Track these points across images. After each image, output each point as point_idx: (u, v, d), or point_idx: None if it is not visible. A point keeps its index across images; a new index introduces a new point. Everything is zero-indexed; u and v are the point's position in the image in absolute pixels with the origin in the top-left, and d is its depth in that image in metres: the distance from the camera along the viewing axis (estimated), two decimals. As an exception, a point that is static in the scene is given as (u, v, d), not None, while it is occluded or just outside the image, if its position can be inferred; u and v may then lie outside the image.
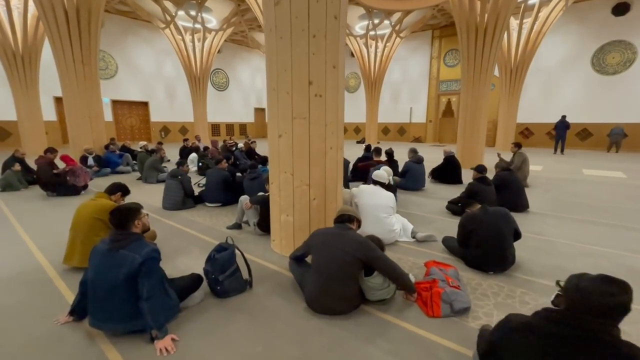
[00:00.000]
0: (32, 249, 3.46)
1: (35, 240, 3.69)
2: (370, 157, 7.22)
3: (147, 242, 2.08)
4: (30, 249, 3.44)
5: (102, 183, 6.87)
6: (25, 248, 3.48)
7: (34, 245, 3.54)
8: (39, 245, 3.54)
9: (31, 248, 3.48)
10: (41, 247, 3.48)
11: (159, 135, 18.00)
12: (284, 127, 2.97)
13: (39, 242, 3.65)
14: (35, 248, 3.47)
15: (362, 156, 7.35)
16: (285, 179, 3.06)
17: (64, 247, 3.22)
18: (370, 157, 7.23)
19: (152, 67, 17.44)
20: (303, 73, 2.83)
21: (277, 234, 3.28)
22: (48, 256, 3.25)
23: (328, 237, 2.25)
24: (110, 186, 3.17)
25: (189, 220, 4.43)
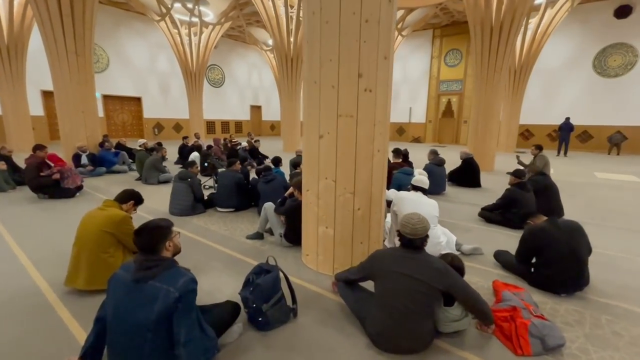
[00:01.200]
0: (25, 264, 2.98)
1: (28, 253, 3.20)
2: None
3: (182, 268, 1.67)
4: (23, 264, 2.96)
5: (97, 184, 6.35)
6: (17, 263, 3.00)
7: (26, 260, 3.06)
8: (33, 260, 3.06)
9: (24, 263, 2.99)
10: (36, 262, 3.01)
11: (152, 132, 17.32)
12: (327, 126, 2.57)
13: (32, 255, 3.16)
14: (28, 263, 2.99)
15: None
16: (325, 186, 2.66)
17: (63, 261, 2.78)
18: (384, 158, 6.86)
19: (146, 61, 16.74)
20: (352, 64, 2.44)
21: (312, 248, 2.88)
22: (45, 274, 2.78)
23: (398, 263, 1.86)
24: (122, 193, 2.72)
25: (201, 228, 3.99)
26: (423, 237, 1.87)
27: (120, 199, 2.68)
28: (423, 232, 1.86)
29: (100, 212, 2.51)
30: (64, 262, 2.87)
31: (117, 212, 2.52)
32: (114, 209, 2.56)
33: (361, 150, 2.58)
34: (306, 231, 2.93)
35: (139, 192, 2.81)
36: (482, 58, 8.44)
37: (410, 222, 1.84)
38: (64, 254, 3.08)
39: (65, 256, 3.00)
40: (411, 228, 1.83)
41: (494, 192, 6.21)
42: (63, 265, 2.81)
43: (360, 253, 2.78)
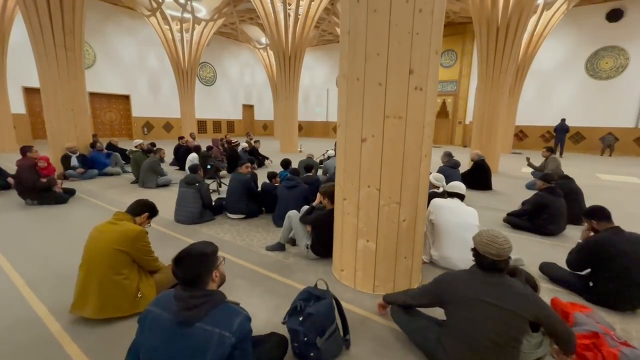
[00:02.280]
0: (19, 285, 2.59)
1: (21, 271, 2.80)
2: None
3: (232, 304, 1.36)
4: (17, 286, 2.57)
5: (90, 187, 5.90)
6: (8, 284, 2.60)
7: (20, 280, 2.67)
8: (28, 279, 2.67)
9: (17, 284, 2.60)
10: (31, 282, 2.62)
11: (142, 132, 16.67)
12: (372, 128, 2.29)
13: (26, 273, 2.77)
14: (22, 284, 2.60)
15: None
16: (368, 195, 2.38)
17: (64, 282, 2.46)
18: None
19: (134, 58, 16.09)
20: (403, 58, 2.17)
21: (348, 263, 2.60)
22: (44, 298, 2.41)
23: (478, 289, 1.60)
24: (135, 204, 2.37)
25: (213, 238, 3.65)
26: (507, 258, 1.62)
27: (133, 210, 2.33)
28: (509, 252, 1.60)
29: (111, 227, 2.16)
30: (65, 282, 2.52)
31: (132, 227, 2.18)
32: (127, 223, 2.22)
33: (409, 155, 2.32)
34: (341, 244, 2.65)
35: (154, 203, 2.47)
36: (487, 58, 8.33)
37: (496, 241, 1.58)
38: (64, 272, 2.72)
39: (65, 275, 2.65)
40: (497, 248, 1.57)
41: (507, 195, 6.07)
42: (64, 286, 2.46)
43: (404, 269, 2.51)
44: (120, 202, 5.04)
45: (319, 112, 22.71)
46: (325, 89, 22.26)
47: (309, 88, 22.55)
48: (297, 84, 12.38)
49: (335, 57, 21.53)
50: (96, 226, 2.22)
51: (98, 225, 2.22)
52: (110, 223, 2.20)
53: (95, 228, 2.20)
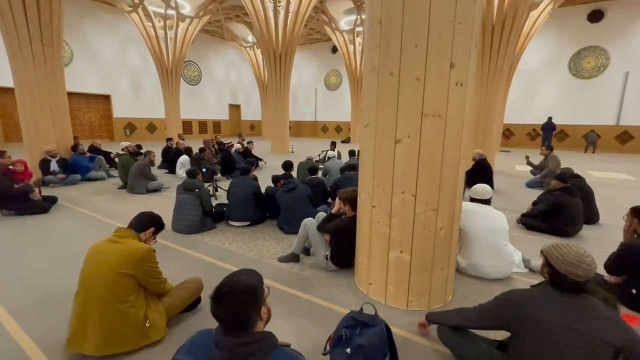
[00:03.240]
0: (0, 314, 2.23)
1: (1, 297, 2.43)
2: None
3: (286, 348, 1.10)
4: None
5: (73, 194, 5.44)
6: (-13, 312, 2.24)
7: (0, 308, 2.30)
8: (7, 304, 2.31)
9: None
10: (11, 308, 2.26)
11: (124, 133, 15.95)
12: (407, 128, 2.07)
13: (4, 296, 2.40)
14: (3, 313, 2.24)
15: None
16: (403, 201, 2.16)
17: (53, 309, 2.15)
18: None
19: (115, 55, 15.36)
20: (444, 51, 1.96)
21: (378, 276, 2.37)
22: (28, 326, 2.07)
23: (556, 311, 1.39)
24: (139, 218, 2.05)
25: (218, 249, 3.34)
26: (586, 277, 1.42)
27: (136, 226, 2.02)
28: (594, 272, 1.41)
29: (113, 247, 1.85)
30: (53, 308, 2.20)
31: (137, 246, 1.88)
32: (132, 241, 1.91)
33: (448, 157, 2.11)
34: (368, 256, 2.41)
35: (159, 216, 2.16)
36: (482, 57, 8.29)
37: (585, 261, 1.37)
38: (50, 295, 2.38)
39: (52, 299, 2.31)
40: (585, 270, 1.37)
41: (510, 195, 6.01)
42: (53, 313, 2.15)
43: (440, 281, 2.31)
44: (109, 211, 4.63)
45: (307, 112, 22.43)
46: (314, 88, 22.02)
47: (296, 87, 22.23)
48: (287, 83, 12.08)
49: (323, 56, 21.34)
50: (94, 245, 1.90)
51: (96, 243, 1.90)
52: (111, 241, 1.88)
53: (93, 248, 1.88)
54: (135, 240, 1.94)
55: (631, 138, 14.41)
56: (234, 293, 1.05)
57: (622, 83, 14.24)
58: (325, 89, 21.84)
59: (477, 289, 2.60)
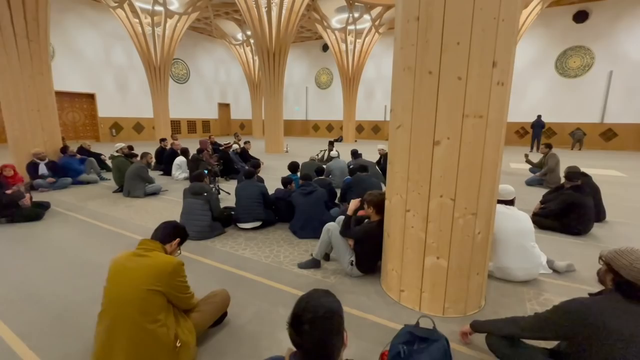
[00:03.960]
0: (7, 337, 2.03)
1: (5, 316, 2.22)
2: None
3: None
4: (4, 339, 2.01)
5: (66, 199, 5.17)
6: (-9, 335, 2.04)
7: (6, 329, 2.10)
8: (10, 322, 2.11)
9: (4, 336, 2.04)
10: (21, 332, 2.06)
11: (109, 133, 15.41)
12: (447, 129, 1.99)
13: (6, 314, 2.20)
14: (11, 336, 2.04)
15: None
16: (441, 205, 2.08)
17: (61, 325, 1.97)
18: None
19: (99, 53, 14.78)
20: (487, 49, 1.88)
21: (411, 282, 2.29)
22: (38, 348, 1.89)
23: (629, 323, 1.33)
24: (164, 229, 1.89)
25: (232, 255, 3.20)
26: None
27: (162, 237, 1.86)
28: None
29: (140, 262, 1.69)
30: (67, 330, 2.03)
31: (166, 259, 1.73)
32: (159, 254, 1.75)
33: (487, 159, 2.04)
34: (400, 262, 2.33)
35: (183, 225, 2.01)
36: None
37: None
38: (61, 315, 2.19)
39: (64, 319, 2.13)
40: None
41: (512, 193, 6.03)
42: (68, 336, 1.97)
43: (476, 286, 2.24)
44: (107, 216, 4.40)
45: (298, 111, 22.25)
46: (304, 87, 21.85)
47: (287, 86, 21.92)
48: (281, 81, 11.90)
49: (313, 55, 21.19)
50: (117, 259, 1.73)
51: (120, 257, 1.74)
52: (136, 255, 1.72)
53: (116, 263, 1.72)
54: (162, 253, 1.79)
55: (615, 135, 14.88)
56: (318, 320, 0.94)
57: (607, 82, 14.67)
58: (316, 88, 21.71)
59: (507, 293, 2.55)
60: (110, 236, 3.71)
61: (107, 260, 2.95)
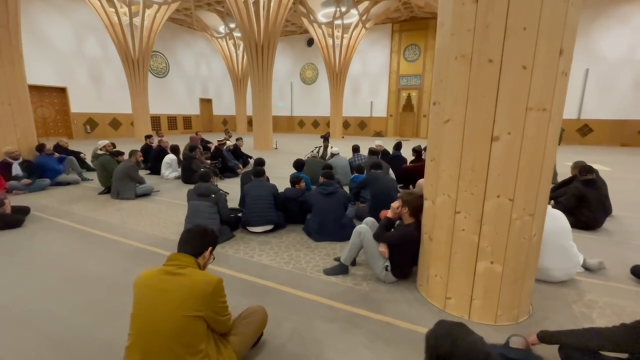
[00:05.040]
0: (-1, 371, 1.69)
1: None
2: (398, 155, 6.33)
3: None
4: (-4, 374, 1.68)
5: (47, 202, 4.69)
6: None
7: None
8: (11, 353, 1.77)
9: (-5, 370, 1.70)
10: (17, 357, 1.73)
11: (84, 130, 14.47)
12: (508, 123, 1.82)
13: (8, 349, 1.85)
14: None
15: (391, 155, 6.38)
16: (497, 206, 1.92)
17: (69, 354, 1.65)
18: (398, 155, 6.32)
19: (70, 44, 13.78)
20: (554, 34, 1.72)
21: (460, 289, 2.12)
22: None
23: None
24: (194, 238, 1.60)
25: (248, 262, 2.93)
26: None
27: (193, 247, 1.58)
28: None
29: (173, 281, 1.41)
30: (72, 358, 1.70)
31: (206, 278, 1.45)
32: (195, 271, 1.48)
33: (548, 155, 1.90)
34: (447, 267, 2.16)
35: (212, 229, 1.74)
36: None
37: None
38: (66, 343, 1.86)
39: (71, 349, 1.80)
40: None
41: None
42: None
43: (528, 291, 2.11)
44: (98, 221, 3.99)
45: (282, 107, 21.83)
46: (289, 82, 21.45)
47: (271, 81, 21.50)
48: (270, 76, 11.53)
49: (298, 49, 20.80)
50: (144, 278, 1.45)
51: (147, 276, 1.45)
52: (168, 273, 1.44)
53: (144, 283, 1.43)
54: (196, 269, 1.52)
55: (591, 131, 15.51)
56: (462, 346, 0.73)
57: (583, 79, 15.23)
58: (301, 83, 21.36)
59: (548, 295, 2.44)
60: (104, 244, 3.34)
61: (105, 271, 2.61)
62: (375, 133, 19.67)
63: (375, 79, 19.26)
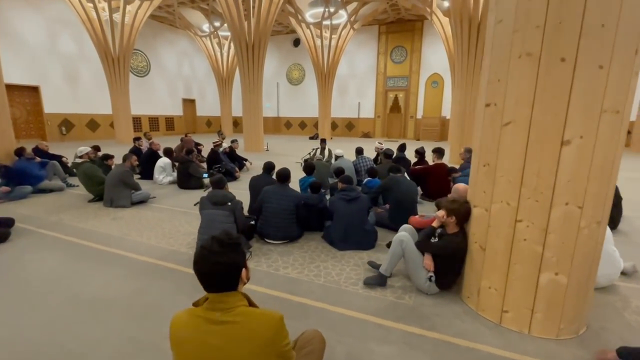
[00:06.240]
0: None
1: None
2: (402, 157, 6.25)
3: None
4: None
5: (31, 212, 4.28)
6: None
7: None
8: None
9: None
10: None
11: (59, 132, 13.61)
12: (581, 127, 1.71)
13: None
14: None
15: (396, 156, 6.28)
16: (565, 214, 1.80)
17: None
18: (402, 157, 6.24)
19: (43, 40, 12.90)
20: (632, 32, 1.63)
21: (518, 302, 2.00)
22: None
23: None
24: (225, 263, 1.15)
25: (275, 277, 2.70)
26: None
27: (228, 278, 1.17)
28: None
29: (226, 332, 1.11)
30: None
31: (263, 320, 1.16)
32: (247, 312, 1.16)
33: (617, 160, 1.80)
34: (504, 279, 2.03)
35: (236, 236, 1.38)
36: (469, 54, 8.43)
37: None
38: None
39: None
40: None
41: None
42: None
43: (589, 303, 2.02)
44: (94, 233, 3.63)
45: (268, 108, 21.45)
46: (275, 82, 21.12)
47: (256, 81, 21.10)
48: (261, 76, 11.23)
49: (285, 50, 20.53)
50: (183, 326, 1.14)
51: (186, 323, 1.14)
52: (215, 322, 1.12)
53: (185, 333, 1.13)
54: (250, 308, 1.20)
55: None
56: None
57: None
58: (288, 84, 21.08)
59: (596, 303, 2.37)
60: (107, 259, 3.01)
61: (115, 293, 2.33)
62: (363, 134, 19.68)
63: (363, 80, 19.27)
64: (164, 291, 2.46)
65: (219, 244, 1.17)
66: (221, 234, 1.21)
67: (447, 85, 17.11)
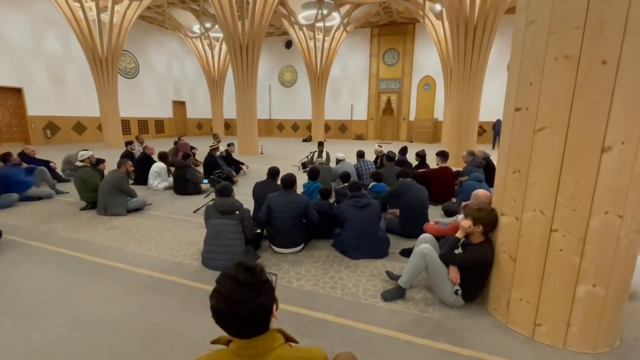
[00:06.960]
0: None
1: None
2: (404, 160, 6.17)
3: None
4: None
5: (18, 222, 4.06)
6: None
7: None
8: None
9: None
10: None
11: (43, 135, 13.12)
12: (623, 132, 1.64)
13: None
14: None
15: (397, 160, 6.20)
16: (604, 224, 1.72)
17: None
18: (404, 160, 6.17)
19: (26, 40, 12.43)
20: (677, 34, 1.56)
21: (554, 315, 1.91)
22: None
23: None
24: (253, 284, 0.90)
25: (289, 289, 2.55)
26: None
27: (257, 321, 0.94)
28: None
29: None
30: None
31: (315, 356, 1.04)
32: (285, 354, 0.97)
33: (657, 167, 1.73)
34: (537, 291, 1.94)
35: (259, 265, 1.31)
36: (465, 57, 8.45)
37: None
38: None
39: None
40: None
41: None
42: None
43: (626, 314, 1.94)
44: (89, 244, 3.41)
45: (261, 110, 21.21)
46: (267, 84, 20.92)
47: (248, 83, 20.86)
48: (255, 77, 11.06)
49: (276, 51, 20.36)
50: None
51: None
52: None
53: None
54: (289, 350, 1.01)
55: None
56: None
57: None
58: (280, 86, 20.91)
59: (622, 311, 2.31)
60: (106, 273, 2.81)
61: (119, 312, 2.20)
62: (356, 136, 19.65)
63: (356, 83, 19.26)
64: (171, 309, 2.29)
65: (241, 288, 0.89)
66: (239, 272, 0.92)
67: (439, 88, 17.24)
